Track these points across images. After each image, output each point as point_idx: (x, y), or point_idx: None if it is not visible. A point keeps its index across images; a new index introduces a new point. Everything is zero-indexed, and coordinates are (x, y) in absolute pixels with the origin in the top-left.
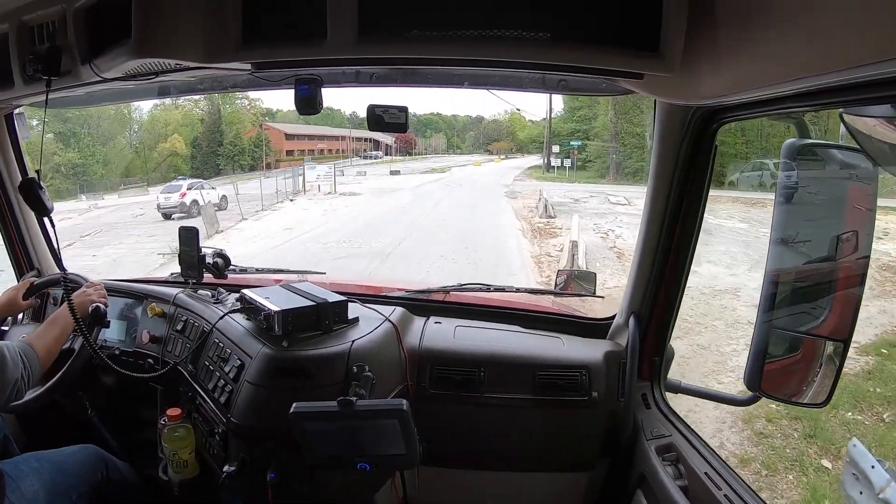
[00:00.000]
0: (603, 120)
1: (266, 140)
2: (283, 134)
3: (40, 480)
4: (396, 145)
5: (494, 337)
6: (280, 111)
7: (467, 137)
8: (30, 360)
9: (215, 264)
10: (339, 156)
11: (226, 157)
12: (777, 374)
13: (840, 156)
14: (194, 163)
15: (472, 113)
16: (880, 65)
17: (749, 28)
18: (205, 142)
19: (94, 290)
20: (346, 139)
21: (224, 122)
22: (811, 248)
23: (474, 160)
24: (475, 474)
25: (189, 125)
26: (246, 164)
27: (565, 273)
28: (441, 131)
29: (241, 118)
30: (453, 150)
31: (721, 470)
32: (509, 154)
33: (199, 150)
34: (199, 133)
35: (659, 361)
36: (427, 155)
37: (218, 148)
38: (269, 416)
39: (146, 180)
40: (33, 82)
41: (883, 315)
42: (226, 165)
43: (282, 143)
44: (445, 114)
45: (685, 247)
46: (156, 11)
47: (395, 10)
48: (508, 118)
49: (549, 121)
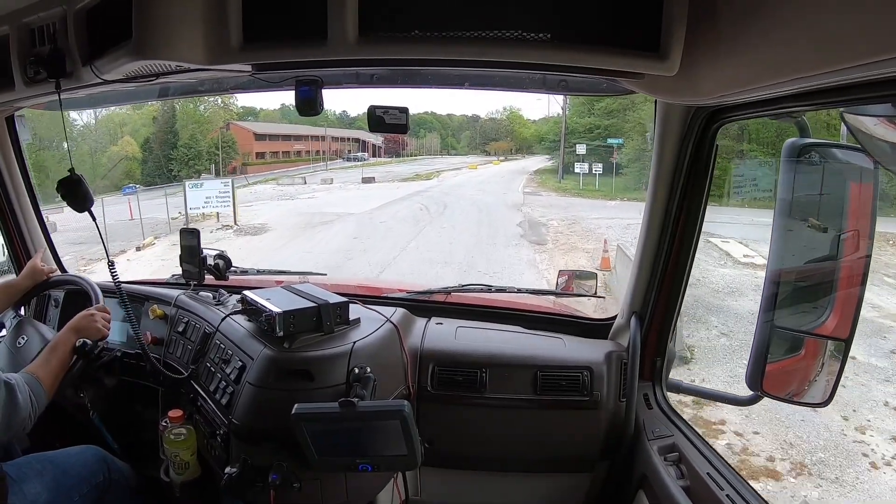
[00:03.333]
0: (648, 111)
1: (230, 141)
2: (253, 134)
3: (42, 482)
4: (384, 146)
5: (496, 337)
6: (264, 110)
7: (463, 137)
8: (36, 395)
9: (216, 266)
10: (319, 158)
11: (180, 162)
12: (778, 373)
13: (841, 155)
14: (146, 168)
15: (469, 112)
16: (880, 64)
17: (749, 28)
18: (157, 144)
19: (99, 314)
20: (326, 139)
21: (179, 122)
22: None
23: (469, 163)
24: (477, 475)
25: (150, 125)
26: (203, 168)
27: (566, 273)
28: (435, 131)
29: (211, 117)
30: (448, 150)
31: (723, 470)
32: (509, 155)
33: (150, 154)
34: (151, 134)
35: (660, 361)
36: (419, 156)
37: (172, 151)
38: (271, 418)
39: (92, 190)
40: (34, 84)
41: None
42: (180, 171)
43: (251, 145)
44: (440, 113)
45: (686, 247)
46: (156, 13)
47: (395, 10)
48: (507, 116)
49: (563, 116)
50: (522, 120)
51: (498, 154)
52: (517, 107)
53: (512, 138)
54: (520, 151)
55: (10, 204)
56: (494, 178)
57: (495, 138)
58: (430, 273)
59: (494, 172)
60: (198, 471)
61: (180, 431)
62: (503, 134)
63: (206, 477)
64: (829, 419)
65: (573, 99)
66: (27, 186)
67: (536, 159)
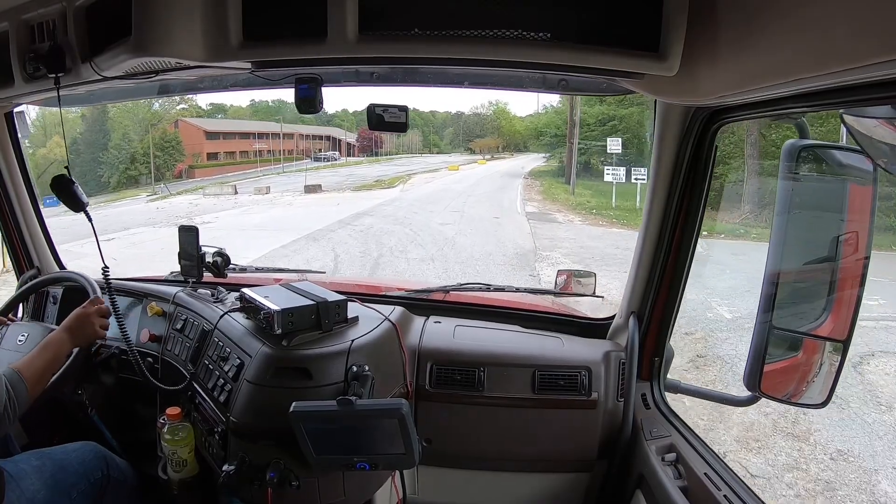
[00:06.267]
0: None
1: (173, 141)
2: (203, 132)
3: (41, 479)
4: (359, 143)
5: (494, 336)
6: (232, 106)
7: (446, 135)
8: (16, 389)
9: (215, 263)
10: (288, 158)
11: (109, 167)
12: (776, 374)
13: (840, 157)
14: (74, 175)
15: (452, 109)
16: (880, 66)
17: (749, 28)
18: (84, 145)
19: (95, 309)
20: (294, 137)
21: (112, 120)
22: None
23: (451, 163)
24: (474, 474)
25: (79, 123)
26: (137, 173)
27: (565, 273)
28: (417, 128)
29: (160, 113)
30: (430, 149)
31: (721, 470)
32: (496, 153)
33: (78, 158)
34: (79, 134)
35: (659, 361)
36: (396, 155)
37: (102, 154)
38: (269, 416)
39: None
40: (33, 80)
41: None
42: (110, 177)
43: (201, 144)
44: (423, 110)
45: (685, 247)
46: (156, 10)
47: (395, 9)
48: (493, 111)
49: (571, 106)
50: (510, 115)
51: (484, 152)
52: (504, 101)
53: (499, 134)
54: (507, 149)
55: (10, 201)
56: (480, 185)
57: (480, 135)
58: None
59: (480, 175)
60: (195, 468)
61: (178, 429)
62: (489, 130)
63: (204, 475)
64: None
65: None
66: (26, 183)
67: (527, 158)
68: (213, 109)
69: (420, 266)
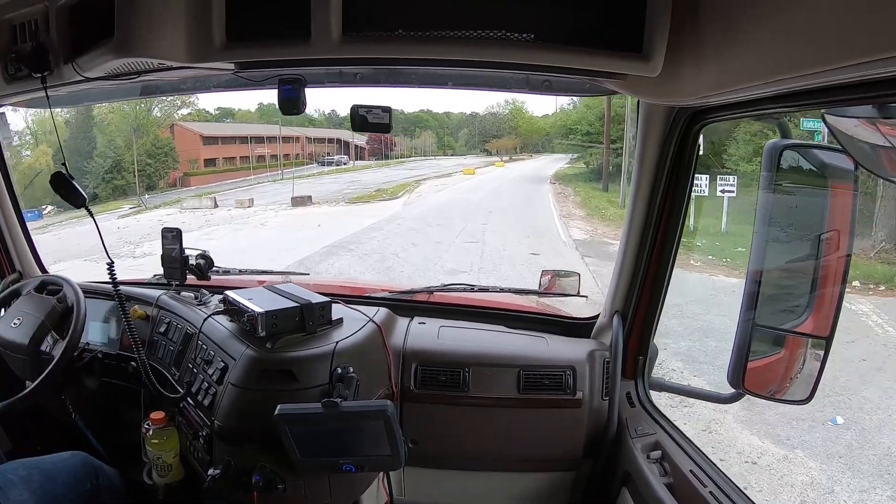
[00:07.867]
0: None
1: (166, 147)
2: (200, 137)
3: (29, 489)
4: (370, 146)
5: (479, 337)
6: (240, 110)
7: (461, 136)
8: None
9: (198, 265)
10: (292, 162)
11: (95, 176)
12: (760, 371)
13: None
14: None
15: (467, 110)
16: (862, 66)
17: (732, 29)
18: (69, 153)
19: None
20: (300, 140)
21: (98, 125)
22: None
23: (466, 165)
24: (461, 475)
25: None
26: (124, 183)
27: (549, 273)
28: (431, 129)
29: (157, 119)
30: (445, 150)
31: (706, 467)
32: (514, 154)
33: (63, 167)
34: (63, 141)
35: (643, 360)
36: (409, 158)
37: (86, 163)
38: (254, 419)
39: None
40: (16, 81)
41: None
42: (97, 188)
43: (197, 150)
44: (437, 111)
45: (668, 246)
46: (138, 10)
47: (379, 10)
48: (510, 110)
49: (608, 105)
50: (527, 114)
51: (501, 153)
52: (521, 100)
53: (516, 135)
54: (524, 150)
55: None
56: (501, 194)
57: (497, 135)
58: None
59: (499, 180)
60: (181, 473)
61: (163, 433)
62: (505, 130)
63: (190, 479)
64: None
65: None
66: (7, 186)
67: (548, 158)
68: (221, 113)
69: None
